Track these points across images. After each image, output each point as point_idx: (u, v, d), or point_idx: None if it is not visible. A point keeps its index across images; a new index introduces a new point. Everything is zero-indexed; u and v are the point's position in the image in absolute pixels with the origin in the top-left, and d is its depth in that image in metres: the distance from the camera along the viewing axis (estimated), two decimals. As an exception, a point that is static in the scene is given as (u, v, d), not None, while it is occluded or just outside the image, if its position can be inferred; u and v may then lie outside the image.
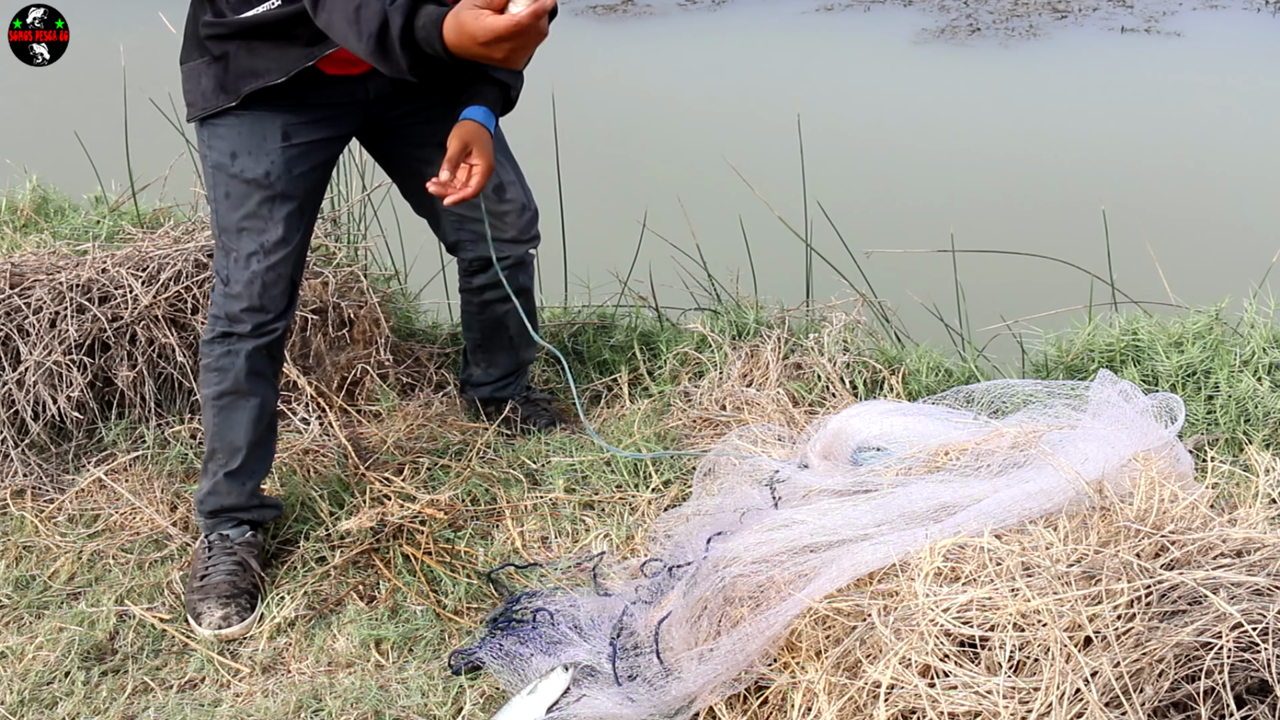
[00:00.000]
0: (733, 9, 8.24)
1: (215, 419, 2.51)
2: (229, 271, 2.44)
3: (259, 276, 2.42)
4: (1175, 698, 1.65)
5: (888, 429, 2.51)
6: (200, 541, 2.56)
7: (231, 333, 2.46)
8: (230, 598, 2.44)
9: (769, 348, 3.08)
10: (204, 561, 2.51)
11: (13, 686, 2.28)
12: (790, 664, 1.97)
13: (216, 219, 2.44)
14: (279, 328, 2.49)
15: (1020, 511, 1.98)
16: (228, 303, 2.45)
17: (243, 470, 2.54)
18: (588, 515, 2.69)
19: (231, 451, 2.53)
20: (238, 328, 2.46)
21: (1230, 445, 2.66)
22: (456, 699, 2.22)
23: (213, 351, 2.49)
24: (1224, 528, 1.87)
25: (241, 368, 2.47)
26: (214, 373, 2.49)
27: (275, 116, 2.38)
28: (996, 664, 1.73)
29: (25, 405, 2.86)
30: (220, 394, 2.49)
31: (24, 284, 2.99)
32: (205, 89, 2.37)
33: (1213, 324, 2.97)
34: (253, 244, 2.42)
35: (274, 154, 2.39)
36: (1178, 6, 7.78)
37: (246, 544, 2.54)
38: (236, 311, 2.44)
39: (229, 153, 2.39)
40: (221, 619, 2.42)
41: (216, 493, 2.54)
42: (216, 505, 2.54)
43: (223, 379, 2.49)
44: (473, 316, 2.91)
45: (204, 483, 2.56)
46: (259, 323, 2.46)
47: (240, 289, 2.43)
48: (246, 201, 2.40)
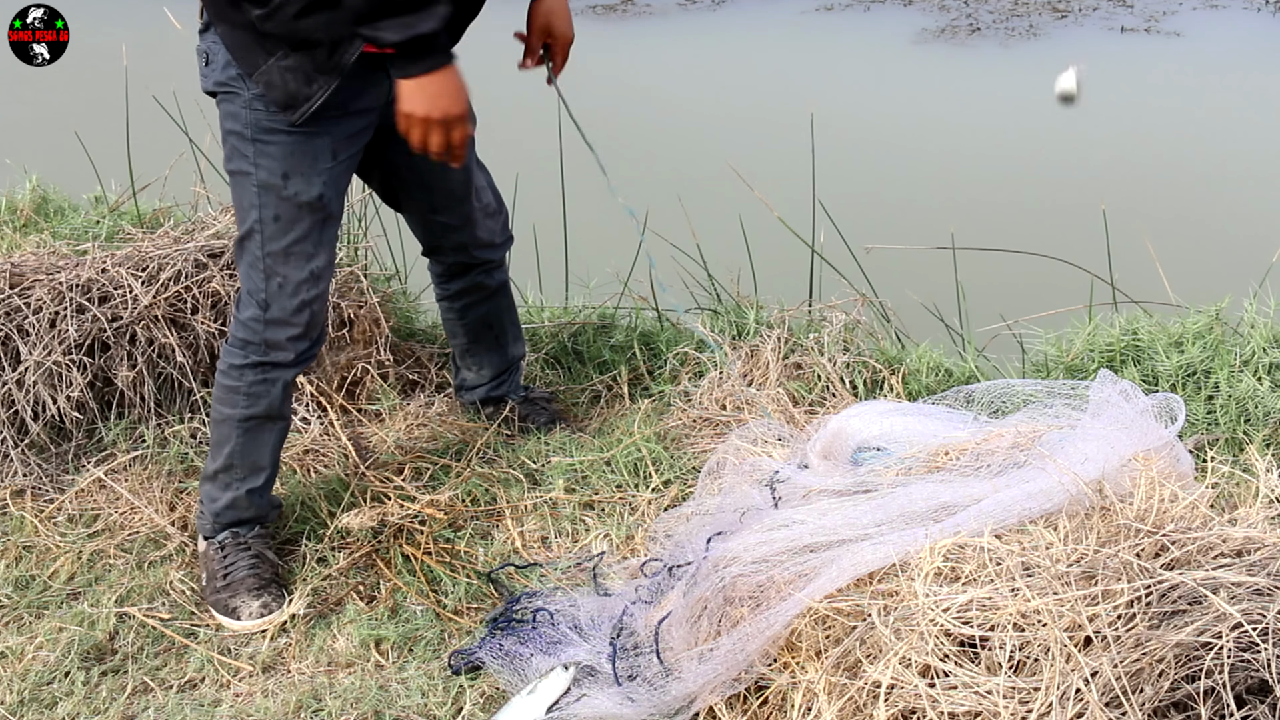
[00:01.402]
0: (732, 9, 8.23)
1: (240, 439, 2.46)
2: (269, 297, 2.34)
3: (309, 305, 2.35)
4: (1175, 698, 1.65)
5: (888, 429, 2.50)
6: (210, 545, 2.54)
7: (269, 362, 2.39)
8: (260, 588, 2.44)
9: (769, 348, 3.08)
10: (220, 562, 2.50)
11: (13, 686, 2.28)
12: (790, 664, 1.97)
13: (261, 240, 2.32)
14: (316, 354, 2.46)
15: (1020, 511, 1.98)
16: (269, 330, 2.36)
17: (266, 486, 2.53)
18: (588, 515, 2.69)
19: (254, 469, 2.50)
20: (278, 356, 2.39)
21: (1230, 445, 2.66)
22: (456, 699, 2.22)
23: (244, 377, 2.41)
24: (1224, 528, 1.87)
25: (277, 395, 2.43)
26: (244, 396, 2.42)
27: (325, 134, 2.28)
28: (996, 664, 1.73)
29: (25, 405, 2.86)
30: (249, 417, 2.44)
31: (24, 284, 2.99)
32: (294, 86, 2.20)
33: (1213, 324, 2.97)
34: (302, 271, 2.33)
35: (325, 174, 2.31)
36: (1178, 6, 7.77)
37: (259, 537, 2.54)
38: (281, 340, 2.37)
39: (280, 173, 2.28)
40: (261, 608, 2.42)
41: (236, 507, 2.52)
42: (235, 519, 2.53)
43: (253, 404, 2.43)
44: (455, 322, 2.91)
45: (218, 493, 2.51)
46: (302, 350, 2.40)
47: (287, 316, 2.35)
48: (298, 225, 2.31)
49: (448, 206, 2.65)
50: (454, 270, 2.80)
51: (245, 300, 2.39)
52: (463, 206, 2.66)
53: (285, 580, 2.52)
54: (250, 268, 2.36)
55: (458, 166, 2.37)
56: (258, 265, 2.34)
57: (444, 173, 2.56)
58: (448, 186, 2.61)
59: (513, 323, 2.96)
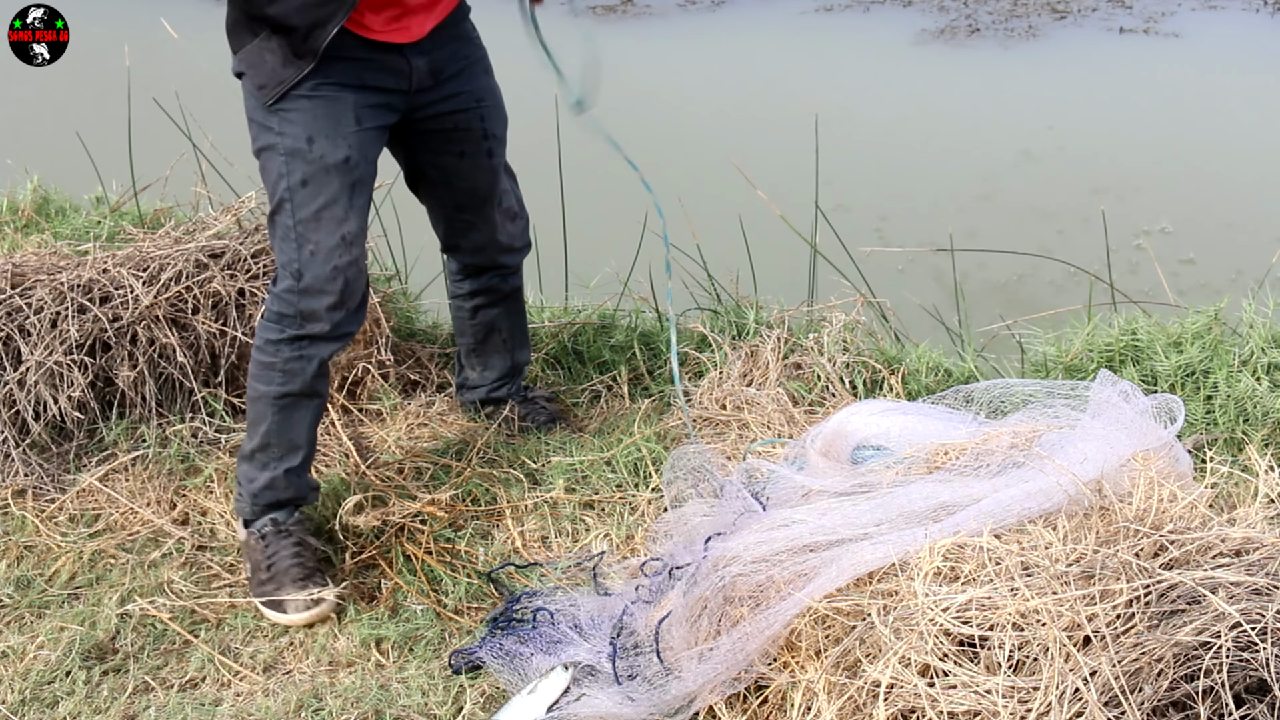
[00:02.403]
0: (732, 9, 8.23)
1: (275, 416, 2.45)
2: (302, 265, 2.32)
3: (342, 272, 2.34)
4: (1174, 697, 1.65)
5: (887, 428, 2.51)
6: (251, 534, 2.51)
7: (306, 335, 2.38)
8: (305, 578, 2.43)
9: (769, 348, 3.09)
10: (262, 552, 2.48)
11: (14, 686, 2.29)
12: (790, 663, 1.97)
13: (291, 209, 2.31)
14: (354, 329, 2.43)
15: (1019, 511, 1.99)
16: (303, 300, 2.34)
17: (303, 465, 2.52)
18: (588, 515, 2.70)
19: (291, 448, 2.49)
20: (314, 328, 2.37)
21: (1229, 445, 2.67)
22: (457, 698, 2.22)
23: (280, 352, 2.39)
24: (1223, 527, 1.88)
25: (312, 371, 2.41)
26: (279, 373, 2.41)
27: (346, 97, 2.30)
28: (996, 663, 1.73)
29: (26, 405, 2.86)
30: (284, 394, 2.43)
31: (25, 284, 3.00)
32: (273, 65, 2.24)
33: (1212, 324, 2.97)
34: (333, 236, 2.32)
35: (350, 137, 2.31)
36: (1176, 7, 7.77)
37: (298, 522, 2.53)
38: (317, 309, 2.35)
39: (305, 137, 2.29)
40: (308, 597, 2.41)
41: (275, 487, 2.50)
42: (274, 499, 2.51)
43: (289, 380, 2.41)
44: (464, 322, 2.92)
45: (255, 473, 2.50)
46: (338, 321, 2.38)
47: (321, 284, 2.33)
48: (327, 188, 2.31)
49: (470, 206, 2.66)
50: (469, 270, 2.81)
51: (280, 274, 2.38)
52: (485, 208, 2.67)
53: (330, 566, 2.50)
54: (283, 240, 2.35)
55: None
56: (289, 235, 2.33)
57: (469, 173, 2.59)
58: (472, 186, 2.63)
59: (521, 329, 2.97)
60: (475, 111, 2.55)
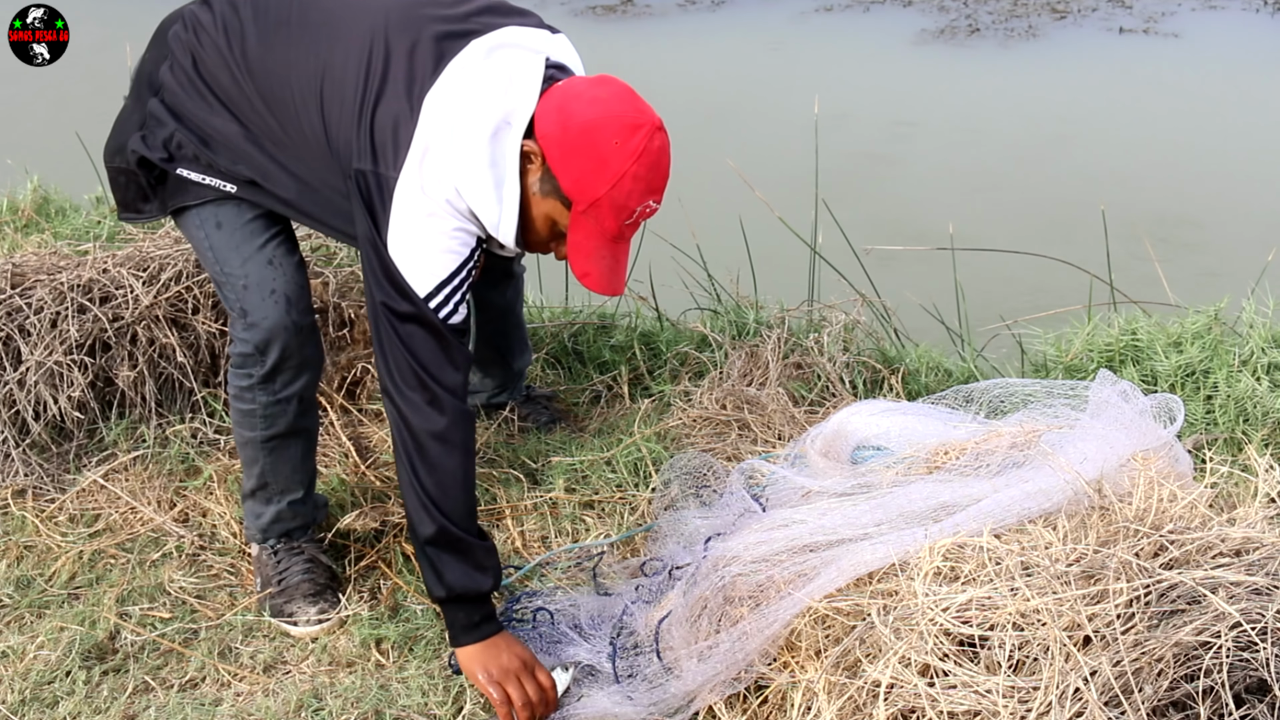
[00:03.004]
0: (732, 9, 8.23)
1: (267, 459, 2.42)
2: (244, 304, 2.29)
3: (283, 293, 2.29)
4: (1174, 697, 1.66)
5: (887, 428, 2.51)
6: (262, 550, 2.51)
7: (273, 371, 2.32)
8: (316, 594, 2.43)
9: (769, 348, 3.09)
10: (273, 568, 2.49)
11: (14, 686, 2.29)
12: (790, 663, 1.97)
13: (214, 257, 2.30)
14: (317, 354, 2.38)
15: (1019, 511, 1.99)
16: (253, 333, 2.29)
17: (307, 494, 2.51)
18: (588, 515, 2.70)
19: (290, 483, 2.47)
20: (274, 359, 2.30)
21: (1229, 445, 2.67)
22: (457, 699, 2.22)
23: (256, 398, 2.35)
24: (1223, 527, 1.88)
25: (294, 411, 2.39)
26: (261, 419, 2.38)
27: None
28: (996, 663, 1.73)
29: (26, 405, 2.86)
30: (271, 437, 2.40)
31: (25, 284, 3.00)
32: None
33: (1211, 324, 2.97)
34: (259, 261, 2.29)
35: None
36: (1176, 7, 7.78)
37: (310, 541, 2.53)
38: (267, 339, 2.29)
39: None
40: (318, 613, 2.41)
41: (282, 520, 2.49)
42: (283, 530, 2.51)
43: (272, 424, 2.39)
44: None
45: (261, 508, 2.49)
46: (297, 344, 2.31)
47: (264, 310, 2.28)
48: (237, 223, 2.29)
49: None
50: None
51: (233, 324, 2.35)
52: None
53: (339, 583, 2.51)
54: (221, 289, 2.33)
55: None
56: (224, 284, 2.31)
57: None
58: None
59: (520, 339, 2.97)
60: None
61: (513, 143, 2.01)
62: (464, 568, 2.13)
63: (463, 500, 2.13)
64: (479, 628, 2.15)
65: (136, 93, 2.32)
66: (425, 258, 2.04)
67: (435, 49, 2.05)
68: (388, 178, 2.02)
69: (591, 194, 1.98)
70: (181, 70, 2.23)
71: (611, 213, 2.00)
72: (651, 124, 2.00)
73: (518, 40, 2.08)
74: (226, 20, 2.20)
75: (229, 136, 2.20)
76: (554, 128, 1.98)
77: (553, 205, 2.04)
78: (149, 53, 2.33)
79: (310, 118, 2.11)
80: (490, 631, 2.16)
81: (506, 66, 2.03)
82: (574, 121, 1.98)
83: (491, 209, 2.03)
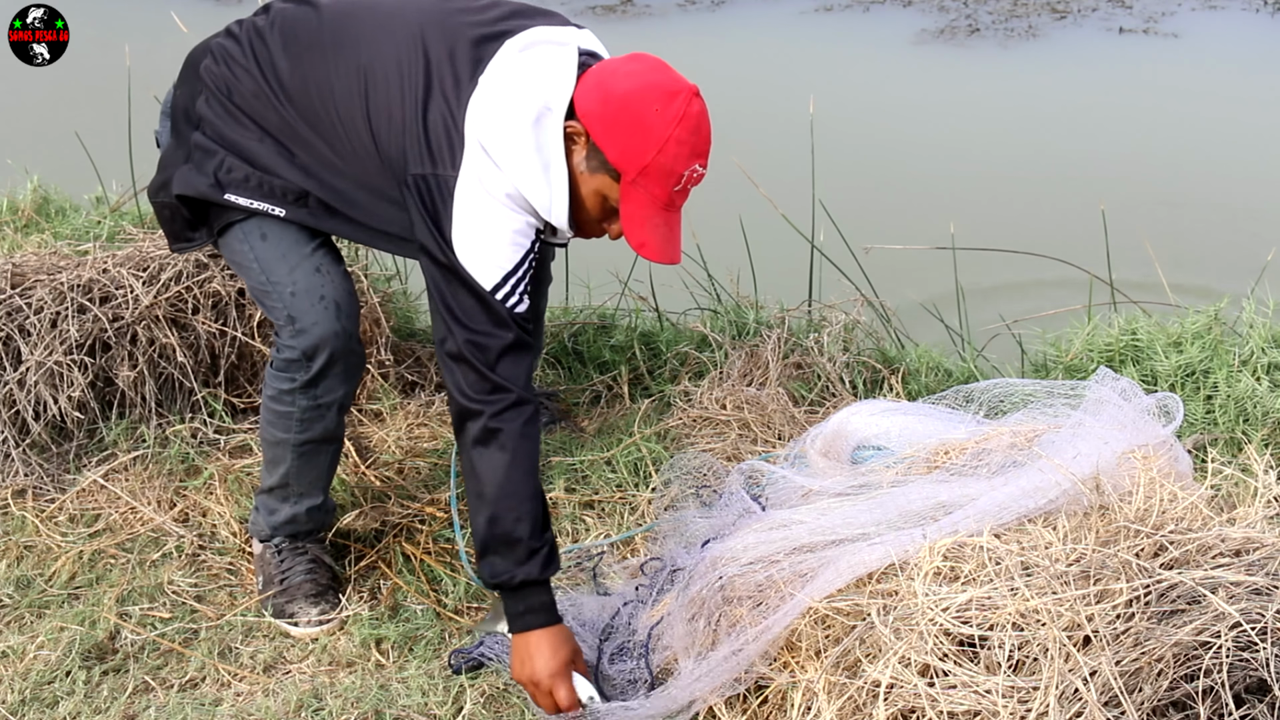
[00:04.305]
0: (732, 9, 8.23)
1: (295, 462, 2.42)
2: (291, 311, 2.29)
3: (332, 298, 2.30)
4: (1174, 697, 1.66)
5: (887, 428, 2.51)
6: (266, 548, 2.51)
7: (317, 378, 2.32)
8: (318, 595, 2.43)
9: (769, 348, 3.09)
10: (277, 566, 2.48)
11: (14, 686, 2.29)
12: (790, 663, 1.97)
13: (259, 268, 2.30)
14: (361, 358, 2.39)
15: (1019, 509, 1.99)
16: (301, 339, 2.28)
17: (324, 501, 2.51)
18: (588, 515, 2.70)
19: (311, 488, 2.47)
20: (320, 365, 2.30)
21: (1229, 445, 2.67)
22: (457, 699, 2.22)
23: (296, 402, 2.35)
24: (1223, 527, 1.88)
25: (332, 419, 2.40)
26: (297, 422, 2.37)
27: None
28: (996, 663, 1.73)
29: (26, 405, 2.86)
30: (305, 442, 2.40)
31: (25, 284, 3.00)
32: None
33: (1211, 324, 2.98)
34: (307, 269, 2.29)
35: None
36: (1176, 7, 7.77)
37: (315, 541, 2.52)
38: (315, 345, 2.28)
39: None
40: (319, 614, 2.41)
41: (295, 522, 2.49)
42: (295, 530, 2.50)
43: (307, 429, 2.38)
44: None
45: (276, 505, 2.48)
46: (343, 348, 2.31)
47: (313, 316, 2.28)
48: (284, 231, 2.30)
49: None
50: None
51: (279, 332, 2.34)
52: None
53: (341, 584, 2.51)
54: (266, 299, 2.33)
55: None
56: (270, 292, 2.31)
57: None
58: None
59: (538, 344, 2.96)
60: None
61: (555, 126, 2.05)
62: (508, 561, 2.13)
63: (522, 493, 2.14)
64: (521, 618, 2.15)
65: (176, 129, 2.35)
66: (491, 251, 2.08)
67: (473, 52, 2.11)
68: (446, 178, 2.07)
69: (639, 161, 2.02)
70: (218, 103, 2.25)
71: (660, 179, 2.04)
72: (689, 89, 2.07)
73: (548, 36, 2.14)
74: (255, 49, 2.23)
75: (275, 161, 2.23)
76: (595, 104, 2.04)
77: (601, 180, 2.08)
78: (181, 89, 2.35)
79: (358, 133, 2.15)
80: (529, 625, 2.14)
81: (541, 59, 2.09)
82: (614, 95, 2.03)
83: (542, 193, 2.07)
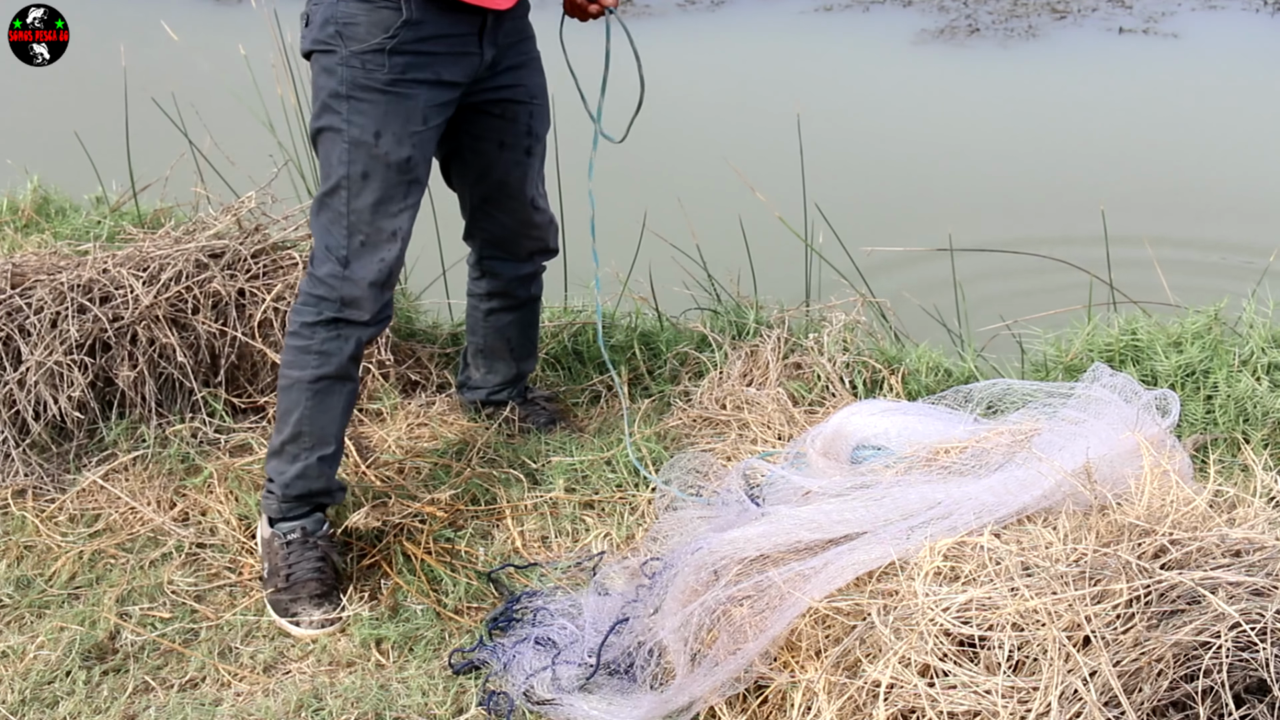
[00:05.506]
0: (731, 9, 8.23)
1: (309, 402, 2.44)
2: (350, 254, 2.37)
3: (389, 265, 2.40)
4: (1174, 697, 1.66)
5: (887, 428, 2.51)
6: (274, 535, 2.50)
7: (344, 319, 2.41)
8: (323, 596, 2.43)
9: (769, 348, 3.09)
10: (284, 559, 2.47)
11: (14, 686, 2.29)
12: (790, 663, 1.97)
13: (347, 197, 2.36)
14: (390, 314, 2.48)
15: (1018, 508, 1.99)
16: (345, 286, 2.39)
17: (335, 456, 2.51)
18: (588, 515, 2.70)
19: (323, 437, 2.48)
20: (353, 314, 2.41)
21: (1229, 445, 2.67)
22: (457, 699, 2.22)
23: (315, 334, 2.41)
24: (1223, 528, 1.88)
25: (348, 353, 2.43)
26: (314, 355, 2.42)
27: (419, 95, 2.35)
28: (996, 663, 1.73)
29: (26, 405, 2.86)
30: (319, 378, 2.43)
31: (25, 284, 3.00)
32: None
33: (1211, 324, 2.98)
34: (386, 230, 2.38)
35: (415, 137, 2.36)
36: (1176, 7, 7.78)
37: (325, 537, 2.51)
38: (357, 296, 2.39)
39: (373, 131, 2.33)
40: (322, 615, 2.41)
41: (307, 477, 2.48)
42: (305, 489, 2.49)
43: (324, 363, 2.42)
44: (477, 321, 2.92)
45: (286, 465, 2.48)
46: (378, 309, 2.43)
47: (367, 274, 2.38)
48: (385, 184, 2.36)
49: (496, 200, 2.68)
50: (487, 270, 2.82)
51: (322, 256, 2.40)
52: (513, 203, 2.69)
53: (345, 585, 2.50)
54: (332, 223, 2.39)
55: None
56: (340, 221, 2.37)
57: (504, 166, 2.61)
58: (503, 179, 2.64)
59: (530, 340, 2.98)
60: (526, 106, 2.58)
61: None
62: None
63: None
64: None
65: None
66: None
67: None
68: None
69: None
70: None
71: None
72: None
73: None
74: None
75: None
76: None
77: None
78: None
79: None
80: None
81: None
82: None
83: None
